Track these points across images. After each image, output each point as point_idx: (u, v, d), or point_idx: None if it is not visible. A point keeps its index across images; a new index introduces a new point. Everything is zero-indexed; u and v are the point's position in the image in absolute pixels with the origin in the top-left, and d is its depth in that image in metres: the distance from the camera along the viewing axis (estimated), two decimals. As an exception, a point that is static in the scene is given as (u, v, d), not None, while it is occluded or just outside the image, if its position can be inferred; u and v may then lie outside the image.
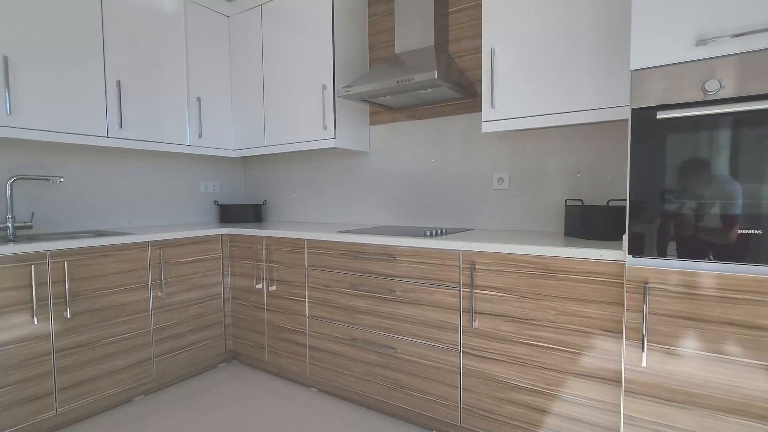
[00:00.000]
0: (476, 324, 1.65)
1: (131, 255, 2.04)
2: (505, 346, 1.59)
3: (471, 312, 1.64)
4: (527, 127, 1.74)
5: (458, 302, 1.69)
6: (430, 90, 2.01)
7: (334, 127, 2.32)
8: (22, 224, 2.03)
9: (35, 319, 1.72)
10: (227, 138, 2.77)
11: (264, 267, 2.33)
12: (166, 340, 2.20)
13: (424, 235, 1.86)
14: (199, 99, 2.57)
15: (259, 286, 2.36)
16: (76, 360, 1.86)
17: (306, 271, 2.16)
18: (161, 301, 2.17)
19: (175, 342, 2.24)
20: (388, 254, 1.86)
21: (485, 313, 1.63)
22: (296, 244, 2.18)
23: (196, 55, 2.56)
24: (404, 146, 2.44)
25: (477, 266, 1.63)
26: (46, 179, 2.04)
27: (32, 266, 1.71)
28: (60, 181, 2.18)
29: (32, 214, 2.06)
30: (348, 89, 2.09)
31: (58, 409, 1.80)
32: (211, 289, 2.42)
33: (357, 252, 1.96)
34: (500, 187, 2.13)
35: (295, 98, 2.46)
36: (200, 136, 2.59)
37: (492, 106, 1.80)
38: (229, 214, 2.91)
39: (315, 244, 2.11)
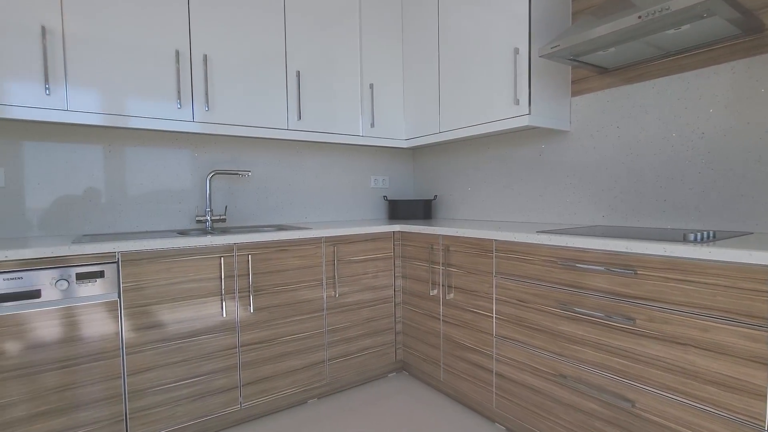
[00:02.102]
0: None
1: (307, 251, 1.94)
2: None
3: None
4: None
5: (766, 350, 1.04)
6: (687, 26, 1.36)
7: (529, 100, 1.84)
8: (218, 217, 2.14)
9: (224, 312, 1.72)
10: (399, 127, 2.55)
11: (440, 271, 2.00)
12: (338, 343, 2.06)
13: (685, 240, 1.24)
14: (371, 86, 2.40)
15: (434, 292, 2.04)
16: (258, 356, 1.82)
17: (494, 279, 1.74)
18: (334, 301, 2.04)
19: (347, 346, 2.09)
20: (624, 265, 1.30)
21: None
22: (481, 246, 1.78)
23: (369, 40, 2.40)
24: (623, 119, 1.81)
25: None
26: (237, 174, 2.11)
27: (221, 258, 1.71)
28: (248, 175, 2.25)
29: (226, 207, 2.15)
30: (555, 45, 1.59)
31: (242, 404, 1.79)
32: (383, 292, 2.21)
33: (569, 259, 1.45)
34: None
35: (478, 71, 2.06)
36: (372, 125, 2.42)
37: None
38: (398, 209, 2.69)
39: (506, 247, 1.68)
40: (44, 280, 1.38)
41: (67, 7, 1.60)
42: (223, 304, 1.72)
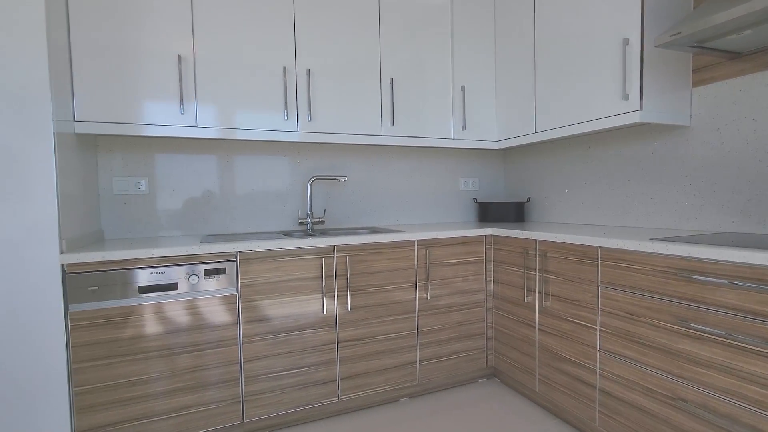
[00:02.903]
0: None
1: (400, 253, 1.99)
2: None
3: None
4: None
5: None
6: None
7: (641, 94, 1.69)
8: (318, 219, 2.28)
9: (324, 309, 1.84)
10: (490, 128, 2.50)
11: (536, 277, 1.92)
12: (429, 345, 2.08)
13: None
14: (463, 88, 2.38)
15: (529, 299, 1.96)
16: (354, 352, 1.92)
17: (598, 289, 1.63)
18: (426, 303, 2.07)
19: (437, 348, 2.10)
20: (763, 280, 1.14)
21: None
22: (583, 253, 1.68)
23: (461, 41, 2.38)
24: (762, 110, 1.57)
25: None
26: (335, 179, 2.23)
27: (323, 259, 1.83)
28: (344, 180, 2.37)
29: (324, 210, 2.30)
30: (676, 32, 1.44)
31: (340, 397, 1.90)
32: (474, 296, 2.18)
33: (690, 270, 1.31)
34: None
35: (579, 67, 1.94)
36: (463, 128, 2.40)
37: None
38: (488, 212, 2.64)
39: (613, 255, 1.56)
40: (180, 275, 1.60)
41: (198, 37, 1.83)
42: (324, 302, 1.84)
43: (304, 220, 2.27)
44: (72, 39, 1.65)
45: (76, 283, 1.46)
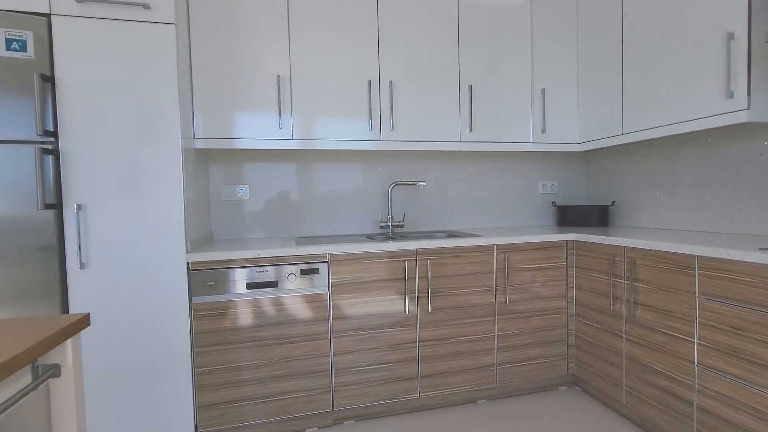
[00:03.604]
0: None
1: (479, 257, 2.03)
2: None
3: None
4: None
5: None
6: None
7: (748, 92, 1.57)
8: (398, 223, 2.39)
9: (406, 309, 1.94)
10: (571, 131, 2.44)
11: (624, 285, 1.85)
12: (508, 348, 2.10)
13: None
14: (543, 91, 2.35)
15: (616, 307, 1.90)
16: (434, 352, 1.99)
17: (696, 300, 1.54)
18: (504, 308, 2.08)
19: (516, 352, 2.11)
20: None
21: None
22: (678, 261, 1.60)
23: (541, 43, 2.35)
24: None
25: None
26: (414, 184, 2.32)
27: (405, 262, 1.93)
28: (422, 185, 2.45)
29: (404, 214, 2.40)
30: (791, 27, 1.33)
31: (420, 394, 1.98)
32: (554, 302, 2.15)
33: (812, 286, 1.20)
34: None
35: (673, 64, 1.84)
36: (543, 131, 2.37)
37: None
38: (568, 216, 2.57)
39: (715, 265, 1.47)
40: (280, 274, 1.78)
41: (293, 58, 2.02)
42: (406, 302, 1.93)
43: (384, 224, 2.38)
44: (193, 63, 1.90)
45: (198, 278, 1.70)
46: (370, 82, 2.10)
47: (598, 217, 2.49)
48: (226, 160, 2.24)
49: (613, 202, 2.53)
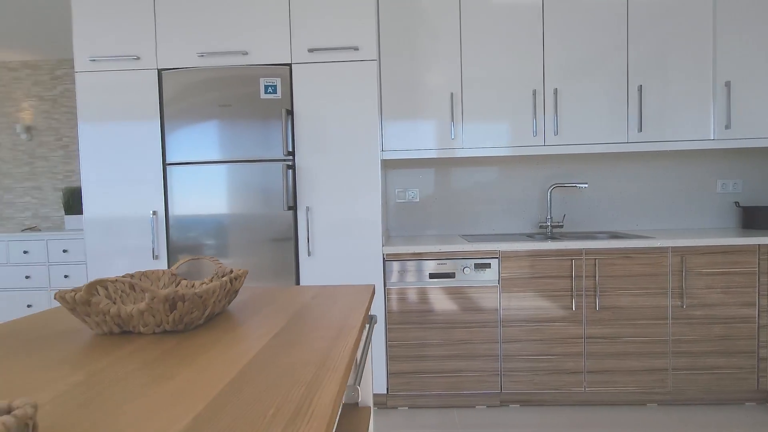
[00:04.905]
0: None
1: (651, 259, 2.01)
2: None
3: None
4: None
5: None
6: None
7: None
8: (557, 224, 2.47)
9: (573, 305, 2.03)
10: (763, 125, 2.21)
11: (840, 296, 1.67)
12: (683, 354, 2.03)
13: None
14: (728, 84, 2.19)
15: (828, 320, 1.71)
16: (601, 349, 2.04)
17: None
18: (680, 312, 2.02)
19: (693, 360, 2.03)
20: None
21: None
22: None
23: (725, 29, 2.19)
24: None
25: None
26: (575, 186, 2.38)
27: (572, 261, 2.02)
28: (584, 187, 2.49)
29: (564, 215, 2.47)
30: None
31: (586, 388, 2.06)
32: (740, 310, 2.01)
33: None
34: None
35: None
36: (727, 126, 2.21)
37: None
38: (756, 218, 2.33)
39: None
40: (457, 267, 2.04)
41: (465, 75, 2.26)
42: (573, 299, 2.03)
43: (544, 224, 2.49)
44: (382, 89, 2.28)
45: (390, 267, 2.06)
46: (534, 92, 2.24)
47: (798, 219, 2.22)
48: (401, 167, 2.60)
49: (820, 203, 2.21)
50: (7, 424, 0.29)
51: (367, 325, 1.07)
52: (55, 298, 0.72)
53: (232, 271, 0.95)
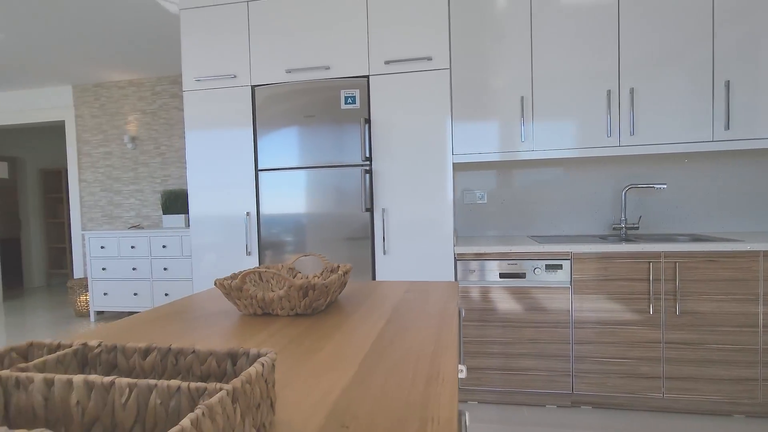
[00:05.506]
0: None
1: (739, 263, 1.93)
2: None
3: None
4: None
5: None
6: None
7: None
8: (631, 225, 2.42)
9: (650, 308, 2.00)
10: None
11: None
12: (776, 365, 1.92)
13: None
14: (831, 76, 2.03)
15: None
16: (681, 356, 1.99)
17: None
18: (772, 320, 1.92)
19: (788, 371, 1.92)
20: None
21: None
22: None
23: (828, 21, 2.03)
24: None
25: None
26: (652, 187, 2.32)
27: (649, 264, 1.99)
28: (662, 188, 2.41)
29: (639, 217, 2.41)
30: None
31: (664, 394, 2.01)
32: None
33: None
34: None
35: None
36: (831, 122, 2.04)
37: None
38: None
39: None
40: (528, 267, 2.09)
41: (535, 79, 2.29)
42: (650, 303, 2.00)
43: (618, 226, 2.44)
44: (453, 95, 2.38)
45: (462, 266, 2.15)
46: (609, 93, 2.21)
47: None
48: (469, 170, 2.67)
49: None
50: (266, 363, 0.43)
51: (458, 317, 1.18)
52: (215, 285, 0.90)
53: (338, 267, 1.11)
